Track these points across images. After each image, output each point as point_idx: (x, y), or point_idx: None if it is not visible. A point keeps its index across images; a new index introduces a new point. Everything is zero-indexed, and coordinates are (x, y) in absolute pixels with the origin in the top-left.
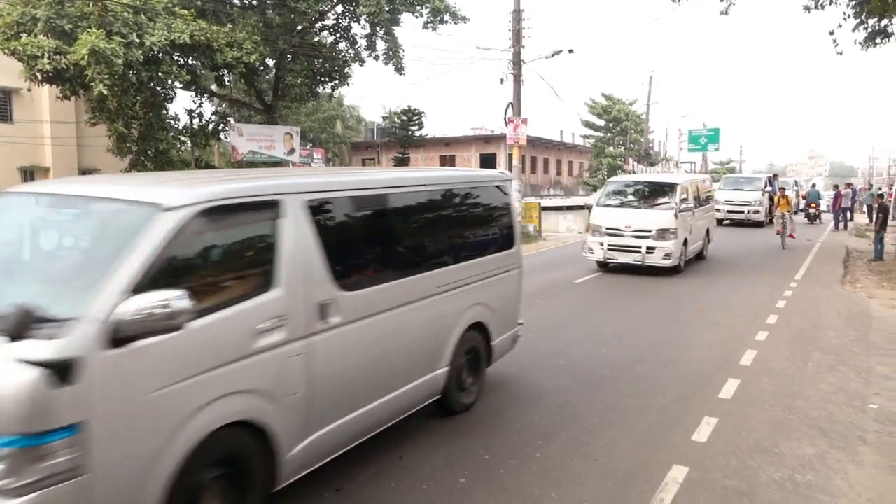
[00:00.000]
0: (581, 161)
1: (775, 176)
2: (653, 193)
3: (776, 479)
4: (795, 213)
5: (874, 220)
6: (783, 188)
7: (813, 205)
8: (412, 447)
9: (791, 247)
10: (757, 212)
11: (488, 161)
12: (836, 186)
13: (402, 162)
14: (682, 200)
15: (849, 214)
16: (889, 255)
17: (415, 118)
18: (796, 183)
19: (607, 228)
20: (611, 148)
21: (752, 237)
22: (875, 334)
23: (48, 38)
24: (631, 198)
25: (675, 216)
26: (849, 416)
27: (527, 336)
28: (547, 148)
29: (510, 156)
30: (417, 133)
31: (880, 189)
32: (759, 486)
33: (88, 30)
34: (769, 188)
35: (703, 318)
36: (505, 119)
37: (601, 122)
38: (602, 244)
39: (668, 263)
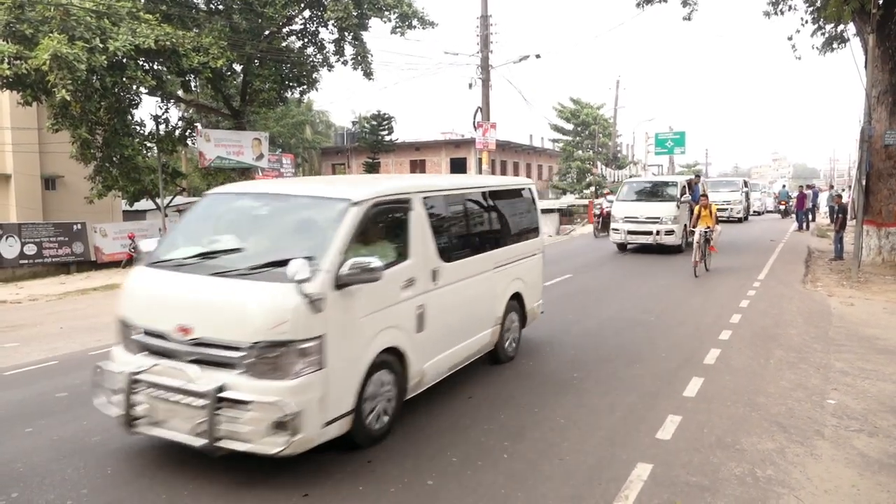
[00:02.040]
0: (550, 165)
1: (697, 177)
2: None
3: (737, 474)
4: (746, 217)
5: (834, 220)
6: (705, 195)
7: (783, 202)
8: (380, 451)
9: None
10: (671, 232)
11: (458, 165)
12: (800, 188)
13: (371, 167)
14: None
15: (810, 215)
16: (848, 254)
17: (385, 123)
18: (746, 184)
19: (148, 333)
20: (579, 152)
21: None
22: (834, 331)
23: (8, 42)
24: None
25: (313, 306)
26: (807, 412)
27: None
28: (516, 152)
29: (480, 160)
30: (387, 138)
31: (841, 190)
32: (721, 482)
33: (50, 34)
34: (687, 196)
35: None
36: (474, 123)
37: (569, 126)
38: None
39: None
